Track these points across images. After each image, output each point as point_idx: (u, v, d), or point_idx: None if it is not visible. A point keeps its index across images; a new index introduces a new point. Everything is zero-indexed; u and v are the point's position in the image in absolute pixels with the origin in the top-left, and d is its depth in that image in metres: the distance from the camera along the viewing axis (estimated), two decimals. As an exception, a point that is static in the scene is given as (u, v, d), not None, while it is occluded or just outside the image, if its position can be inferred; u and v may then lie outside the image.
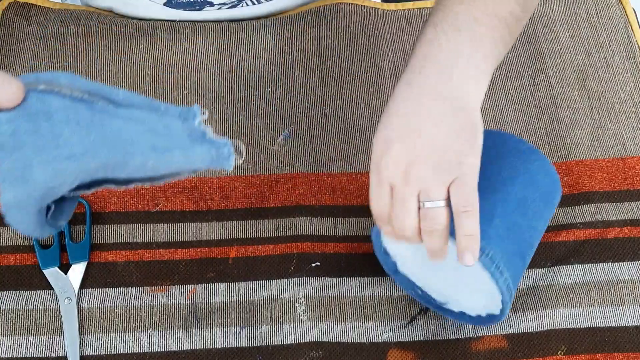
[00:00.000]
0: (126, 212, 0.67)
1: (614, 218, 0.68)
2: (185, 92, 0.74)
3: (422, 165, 0.48)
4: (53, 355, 0.60)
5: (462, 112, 0.50)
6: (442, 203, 0.49)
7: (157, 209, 0.67)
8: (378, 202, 0.51)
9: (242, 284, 0.64)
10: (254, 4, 0.78)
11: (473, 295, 0.57)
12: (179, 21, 0.78)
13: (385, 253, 0.60)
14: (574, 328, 0.63)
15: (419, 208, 0.49)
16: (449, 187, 0.49)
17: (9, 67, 0.73)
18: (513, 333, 0.62)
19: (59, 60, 0.75)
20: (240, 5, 0.78)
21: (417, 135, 0.49)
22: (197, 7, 0.77)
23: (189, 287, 0.64)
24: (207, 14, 0.79)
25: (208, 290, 0.64)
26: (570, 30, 0.79)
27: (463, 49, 0.50)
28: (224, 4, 0.76)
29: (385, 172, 0.50)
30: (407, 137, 0.49)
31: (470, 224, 0.49)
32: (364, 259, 0.66)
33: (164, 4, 0.76)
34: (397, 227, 0.51)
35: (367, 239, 0.67)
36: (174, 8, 0.77)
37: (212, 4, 0.77)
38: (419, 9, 0.81)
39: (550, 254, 0.66)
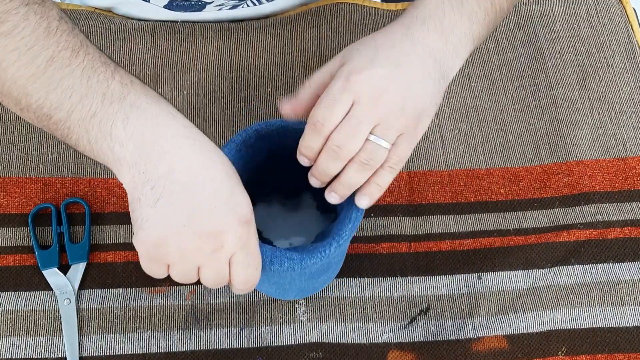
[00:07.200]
0: (125, 212, 0.67)
1: (615, 218, 0.68)
2: (185, 92, 0.74)
3: (394, 99, 0.48)
4: (52, 356, 0.60)
5: (444, 79, 0.52)
6: (388, 146, 0.49)
7: (156, 209, 0.67)
8: (331, 109, 0.49)
9: (242, 284, 0.64)
10: (254, 4, 0.78)
11: None
12: (180, 22, 0.78)
13: None
14: (575, 329, 0.63)
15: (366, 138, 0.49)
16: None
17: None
18: (513, 334, 0.62)
19: (59, 61, 0.74)
20: (241, 6, 0.78)
21: (401, 74, 0.49)
22: (197, 9, 0.77)
23: (188, 288, 0.64)
24: (208, 14, 0.78)
25: (207, 291, 0.64)
26: (570, 30, 0.79)
27: (462, 23, 0.52)
28: (222, 5, 0.76)
29: (356, 85, 0.48)
30: (392, 70, 0.49)
31: (386, 178, 0.51)
32: (363, 260, 0.66)
33: (164, 7, 0.76)
34: (338, 143, 0.49)
35: (367, 239, 0.67)
36: (174, 10, 0.77)
37: (212, 3, 0.76)
38: (419, 9, 0.80)
39: (551, 254, 0.66)
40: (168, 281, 0.64)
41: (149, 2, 0.76)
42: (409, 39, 0.51)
